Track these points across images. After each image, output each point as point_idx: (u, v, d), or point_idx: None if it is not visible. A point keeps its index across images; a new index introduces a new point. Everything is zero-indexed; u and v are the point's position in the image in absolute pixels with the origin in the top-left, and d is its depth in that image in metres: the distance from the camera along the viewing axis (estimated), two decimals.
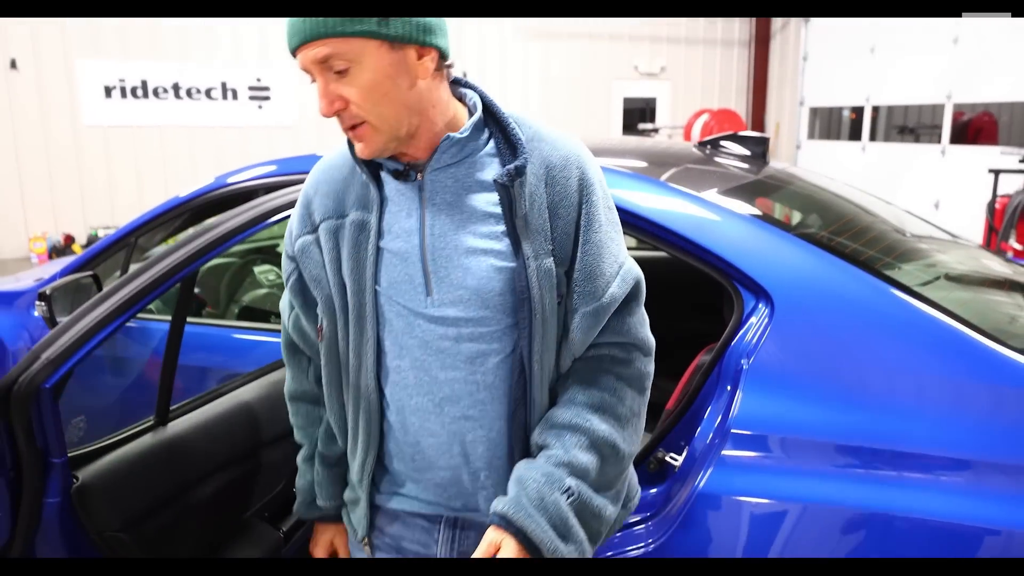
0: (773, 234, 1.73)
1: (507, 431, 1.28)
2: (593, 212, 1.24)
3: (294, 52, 1.14)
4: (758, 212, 1.87)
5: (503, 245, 1.21)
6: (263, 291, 3.29)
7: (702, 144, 2.49)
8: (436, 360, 1.24)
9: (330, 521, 1.50)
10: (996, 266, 2.40)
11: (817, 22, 11.17)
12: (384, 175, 1.25)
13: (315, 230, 1.28)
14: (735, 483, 1.46)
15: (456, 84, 1.28)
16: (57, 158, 9.24)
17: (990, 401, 1.48)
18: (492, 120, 1.25)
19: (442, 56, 1.18)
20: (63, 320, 2.06)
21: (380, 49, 1.11)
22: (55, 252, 9.04)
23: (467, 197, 1.22)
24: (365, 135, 1.16)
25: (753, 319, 1.60)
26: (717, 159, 2.37)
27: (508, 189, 1.19)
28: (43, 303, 2.09)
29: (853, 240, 1.96)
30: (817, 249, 1.68)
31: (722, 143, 2.51)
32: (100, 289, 2.26)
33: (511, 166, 1.19)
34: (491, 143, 1.24)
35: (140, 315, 2.49)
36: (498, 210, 1.21)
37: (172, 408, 1.73)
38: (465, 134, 1.20)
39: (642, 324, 1.31)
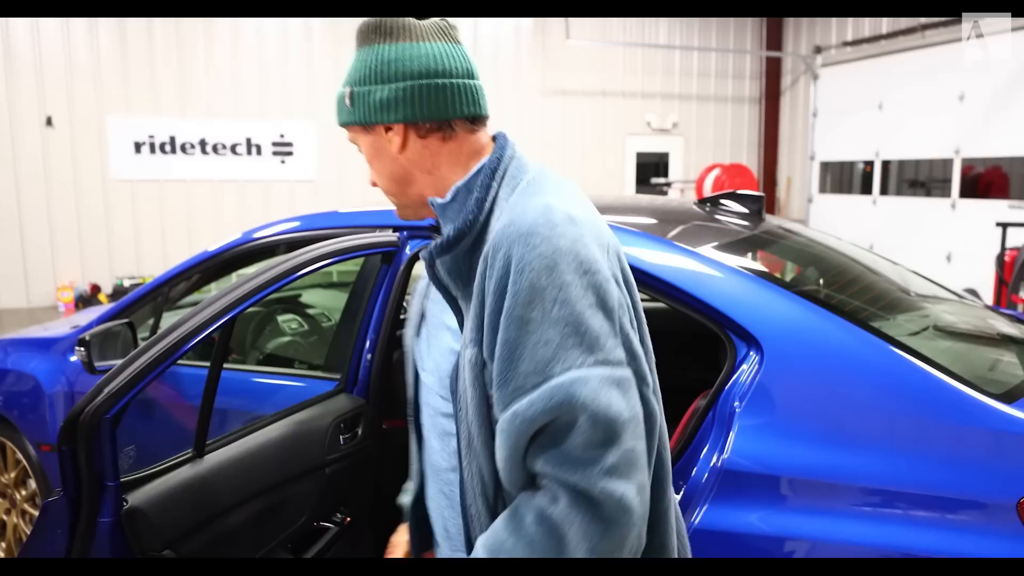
0: (763, 287, 1.85)
1: (466, 528, 1.12)
2: (512, 305, 0.96)
3: None
4: (750, 266, 1.99)
5: (456, 324, 1.13)
6: (286, 339, 3.42)
7: (702, 202, 2.62)
8: (430, 424, 1.23)
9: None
10: (991, 320, 2.49)
11: (825, 79, 11.41)
12: None
13: None
14: (728, 519, 1.56)
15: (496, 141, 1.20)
16: (87, 210, 9.56)
17: (961, 441, 1.58)
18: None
19: (418, 123, 1.13)
20: (99, 364, 2.21)
21: (360, 133, 1.19)
22: (82, 301, 9.27)
23: None
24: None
25: (744, 366, 1.71)
26: (716, 216, 2.51)
27: (432, 268, 1.12)
28: (82, 348, 2.23)
29: (839, 292, 2.08)
30: (804, 300, 1.80)
31: (721, 201, 2.64)
32: (135, 335, 2.41)
33: (431, 244, 1.11)
34: None
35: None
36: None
37: (208, 442, 1.87)
38: (446, 200, 1.13)
39: (589, 464, 0.92)
